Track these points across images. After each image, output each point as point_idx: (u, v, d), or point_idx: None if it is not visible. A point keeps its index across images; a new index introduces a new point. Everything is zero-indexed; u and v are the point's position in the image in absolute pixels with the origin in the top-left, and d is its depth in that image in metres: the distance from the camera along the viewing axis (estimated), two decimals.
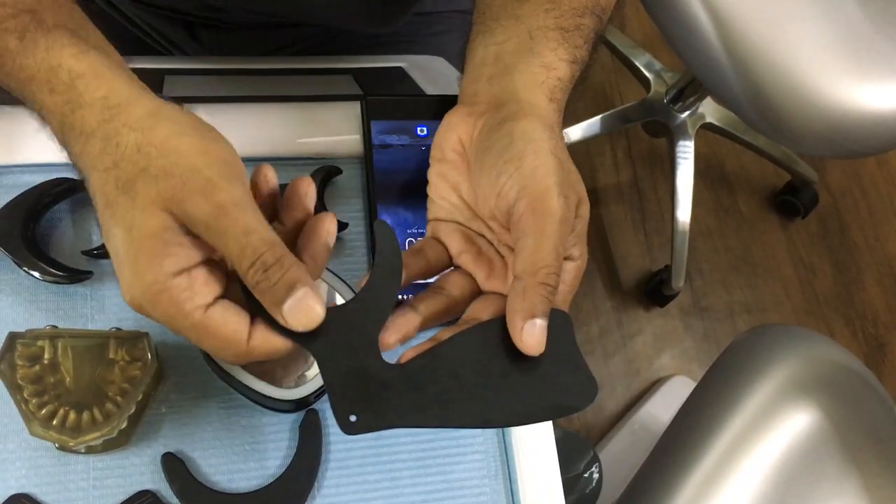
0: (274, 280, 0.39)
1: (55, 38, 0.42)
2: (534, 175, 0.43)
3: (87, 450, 0.48)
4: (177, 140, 0.40)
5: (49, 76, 0.42)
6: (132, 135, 0.40)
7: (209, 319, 0.39)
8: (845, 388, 0.94)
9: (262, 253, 0.39)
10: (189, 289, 0.39)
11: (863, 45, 1.06)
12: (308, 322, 0.40)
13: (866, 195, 1.75)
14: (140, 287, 0.39)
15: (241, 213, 0.39)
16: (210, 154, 0.40)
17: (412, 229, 0.56)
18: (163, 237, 0.39)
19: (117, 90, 0.41)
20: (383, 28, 0.76)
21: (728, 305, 1.60)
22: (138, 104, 0.41)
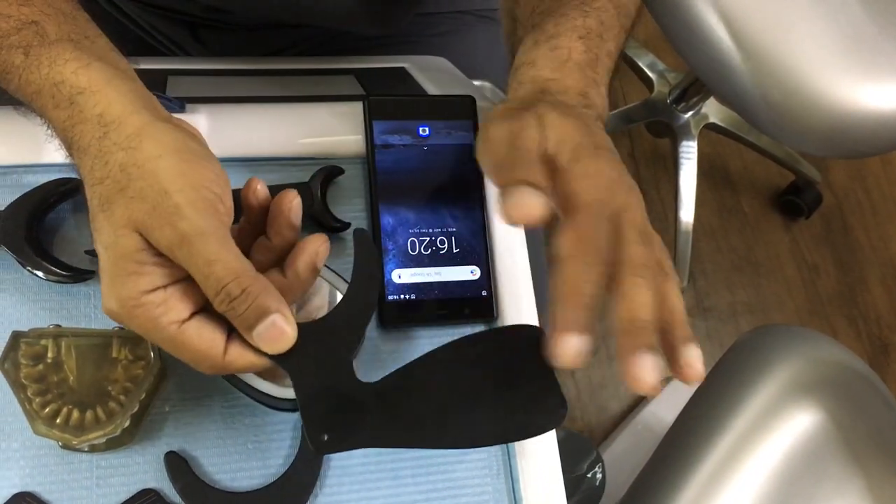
0: (240, 311, 0.40)
1: (58, 53, 0.43)
2: None
3: (90, 448, 0.49)
4: (155, 163, 0.40)
5: (53, 91, 0.42)
6: (119, 154, 0.41)
7: (183, 335, 0.40)
8: (848, 389, 0.94)
9: (225, 284, 0.39)
10: (163, 304, 0.40)
11: (866, 45, 1.06)
12: (278, 347, 0.41)
13: (870, 195, 1.75)
14: (116, 301, 0.40)
15: (203, 243, 0.39)
16: (185, 178, 0.40)
17: (414, 229, 0.56)
18: (136, 257, 0.40)
19: (112, 107, 0.42)
20: (385, 29, 0.76)
21: (731, 305, 1.60)
22: (128, 122, 0.41)
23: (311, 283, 0.44)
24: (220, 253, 0.39)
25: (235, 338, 0.41)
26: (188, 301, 0.41)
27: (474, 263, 0.57)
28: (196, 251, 0.39)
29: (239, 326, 0.41)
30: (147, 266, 0.40)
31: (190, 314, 0.41)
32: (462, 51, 0.80)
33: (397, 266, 0.55)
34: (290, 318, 0.41)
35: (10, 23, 0.44)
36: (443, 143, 0.58)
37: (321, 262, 0.44)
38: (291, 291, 0.44)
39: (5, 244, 0.50)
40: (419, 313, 0.55)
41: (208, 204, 0.40)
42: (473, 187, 0.58)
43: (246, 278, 0.40)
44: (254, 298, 0.40)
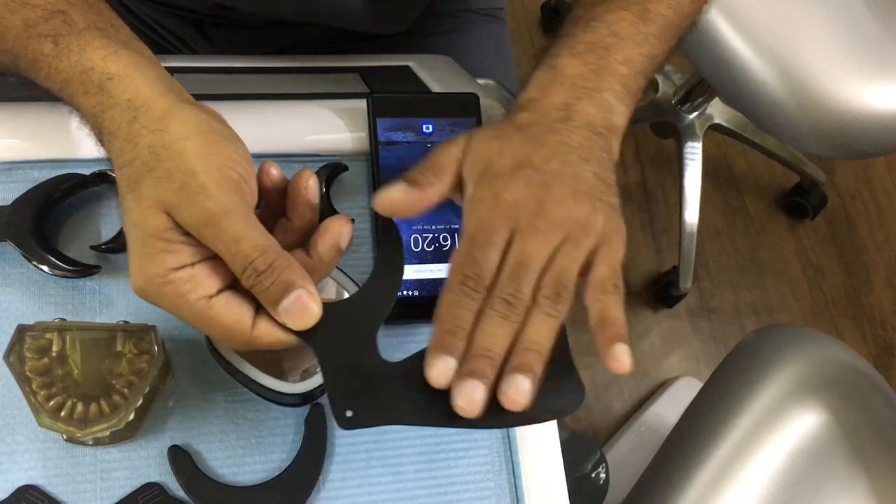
0: (266, 284, 0.40)
1: (87, 41, 0.44)
2: None
3: (94, 442, 0.49)
4: (182, 144, 0.41)
5: (83, 78, 0.43)
6: (148, 136, 0.41)
7: (212, 309, 0.41)
8: (853, 389, 0.94)
9: (252, 260, 0.40)
10: (191, 280, 0.40)
11: (871, 46, 1.06)
12: (303, 322, 0.41)
13: (875, 197, 1.75)
14: (144, 278, 0.40)
15: (230, 221, 0.40)
16: (210, 159, 0.41)
17: (417, 226, 0.56)
18: (164, 236, 0.40)
19: (140, 91, 0.43)
20: (390, 28, 0.76)
21: (736, 306, 1.60)
22: (156, 106, 0.42)
23: (336, 263, 0.45)
24: (245, 230, 0.40)
25: (263, 313, 0.42)
26: (216, 277, 0.41)
27: None
28: (222, 229, 0.40)
29: (265, 302, 0.41)
30: (175, 244, 0.40)
31: (218, 290, 0.41)
32: (467, 50, 0.81)
33: None
34: (314, 295, 0.41)
35: (38, 12, 0.45)
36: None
37: (345, 243, 0.44)
38: (316, 272, 0.44)
39: (11, 238, 0.50)
40: (422, 309, 0.55)
41: (233, 184, 0.41)
42: None
43: (271, 254, 0.40)
44: (279, 273, 0.40)
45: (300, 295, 0.41)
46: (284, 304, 0.41)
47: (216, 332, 0.42)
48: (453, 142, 0.47)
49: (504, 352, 0.42)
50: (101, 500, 0.49)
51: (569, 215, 0.44)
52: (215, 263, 0.42)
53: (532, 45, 1.72)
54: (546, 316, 0.43)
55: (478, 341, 0.42)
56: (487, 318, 0.42)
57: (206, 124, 0.43)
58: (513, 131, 0.47)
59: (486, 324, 0.42)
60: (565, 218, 0.44)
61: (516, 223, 0.43)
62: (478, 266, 0.43)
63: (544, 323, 0.43)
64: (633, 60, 0.51)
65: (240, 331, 0.41)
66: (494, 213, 0.44)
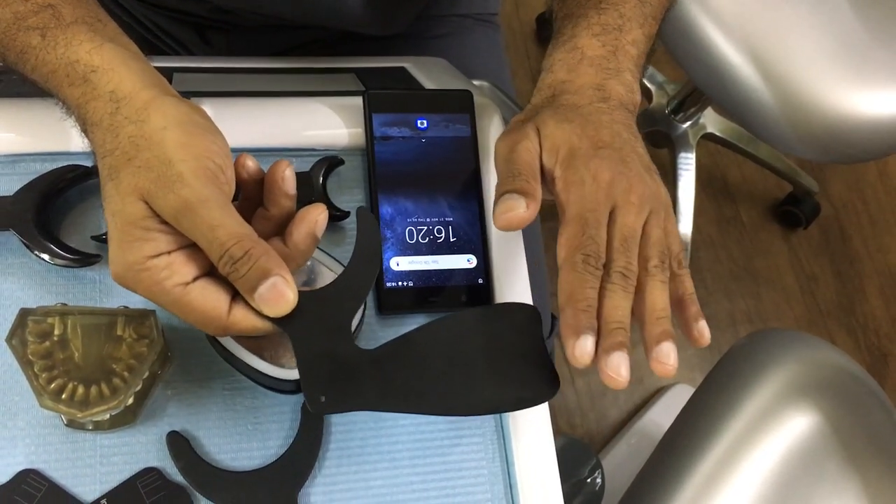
0: (243, 272, 0.41)
1: (73, 34, 0.45)
2: None
3: (94, 427, 0.50)
4: (161, 133, 0.42)
5: (68, 70, 0.44)
6: (129, 127, 0.43)
7: (188, 296, 0.42)
8: (845, 392, 0.95)
9: (228, 247, 0.41)
10: (168, 268, 0.42)
11: (859, 53, 1.08)
12: (279, 309, 0.42)
13: (867, 206, 1.76)
14: (123, 265, 0.42)
15: (206, 209, 0.41)
16: (188, 149, 0.42)
17: (412, 218, 0.57)
18: (142, 224, 0.41)
19: (123, 84, 0.44)
20: (387, 31, 0.78)
21: (730, 314, 1.61)
22: (137, 98, 0.43)
23: (312, 251, 0.46)
24: (222, 219, 0.41)
25: (240, 300, 0.43)
26: (193, 265, 0.42)
27: (471, 252, 0.58)
28: (199, 217, 0.41)
29: (242, 289, 0.42)
30: (152, 232, 0.41)
31: (194, 277, 0.42)
32: (461, 53, 0.82)
33: (396, 254, 0.57)
34: (290, 282, 0.42)
35: (28, 6, 0.46)
36: (440, 136, 0.60)
37: (320, 231, 0.45)
38: (293, 259, 0.45)
39: (14, 227, 0.51)
40: (417, 300, 0.56)
41: (210, 173, 0.42)
42: (470, 178, 0.59)
43: (248, 241, 0.41)
44: (255, 260, 0.41)
45: (276, 282, 0.41)
46: (261, 290, 0.41)
47: (192, 319, 0.42)
48: (524, 135, 0.49)
49: (629, 320, 0.45)
50: (101, 484, 0.49)
51: (648, 189, 0.48)
52: (192, 251, 0.43)
53: (527, 56, 1.73)
54: (661, 283, 0.46)
55: (610, 315, 0.45)
56: (611, 293, 0.45)
57: (185, 116, 0.44)
58: (573, 114, 0.49)
59: (612, 298, 0.45)
60: (647, 192, 0.48)
61: (615, 200, 0.47)
62: (595, 245, 0.45)
63: (662, 290, 0.46)
64: (639, 41, 0.54)
65: (216, 317, 0.42)
66: (597, 193, 0.47)
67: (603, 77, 0.51)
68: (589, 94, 0.51)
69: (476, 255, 0.58)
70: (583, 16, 0.54)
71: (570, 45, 0.53)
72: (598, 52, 0.52)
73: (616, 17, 0.54)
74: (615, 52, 0.52)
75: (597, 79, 0.51)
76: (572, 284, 0.45)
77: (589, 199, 0.47)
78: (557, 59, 0.53)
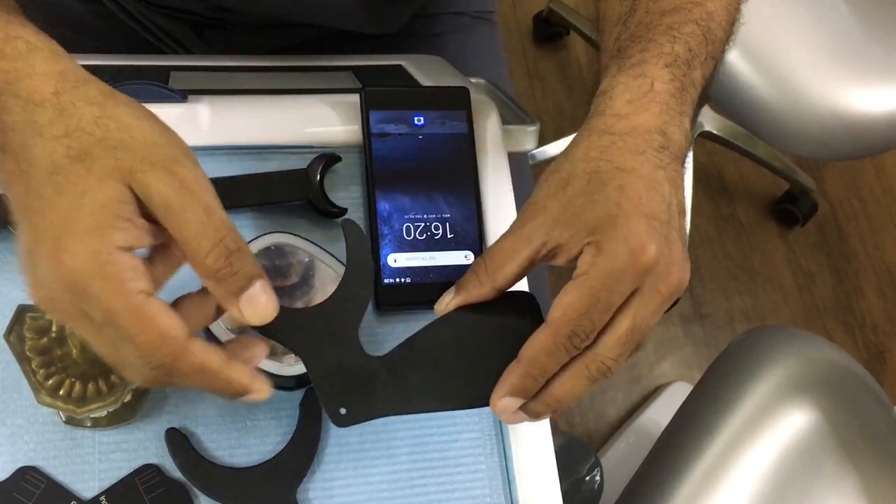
0: (237, 268, 0.38)
1: (15, 17, 0.42)
2: None
3: (93, 423, 0.50)
4: (134, 120, 0.40)
5: (3, 45, 0.40)
6: (89, 108, 0.39)
7: (150, 306, 0.37)
8: (842, 388, 0.95)
9: (223, 236, 0.38)
10: (135, 269, 0.37)
11: (855, 50, 1.08)
12: (264, 316, 0.40)
13: (864, 204, 1.77)
14: (85, 255, 0.36)
15: (203, 191, 0.39)
16: (169, 136, 0.40)
17: (409, 215, 0.58)
18: (114, 209, 0.37)
19: (74, 69, 0.41)
20: (384, 29, 0.78)
21: (728, 312, 1.62)
22: (94, 85, 0.41)
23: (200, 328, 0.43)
24: (218, 204, 0.39)
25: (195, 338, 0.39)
26: (152, 280, 0.38)
27: (468, 248, 0.58)
28: (197, 197, 0.38)
29: (225, 290, 0.39)
30: (124, 221, 0.37)
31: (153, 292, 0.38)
32: (459, 51, 0.82)
33: (393, 251, 0.57)
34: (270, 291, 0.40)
35: None
36: (437, 133, 0.60)
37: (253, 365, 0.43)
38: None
39: (12, 225, 0.51)
40: (414, 296, 0.57)
41: (196, 160, 0.40)
42: (467, 175, 0.59)
43: (238, 235, 0.39)
44: (248, 257, 0.39)
45: (264, 285, 0.39)
46: (249, 292, 0.39)
47: (143, 337, 0.37)
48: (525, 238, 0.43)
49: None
50: (100, 480, 0.50)
51: (681, 279, 0.42)
52: (155, 264, 0.40)
53: (524, 54, 1.74)
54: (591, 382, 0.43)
55: (556, 393, 0.42)
56: (577, 377, 0.42)
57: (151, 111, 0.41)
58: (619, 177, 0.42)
59: (574, 384, 0.42)
60: (679, 282, 0.42)
61: (642, 282, 0.41)
62: (591, 326, 0.41)
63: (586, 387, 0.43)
64: (698, 82, 0.48)
65: (174, 338, 0.37)
66: (627, 272, 0.40)
67: (666, 119, 0.45)
68: (648, 140, 0.44)
69: (473, 251, 0.58)
70: (653, 41, 0.47)
71: (639, 71, 0.46)
72: (667, 87, 0.45)
73: (685, 50, 0.47)
74: (682, 91, 0.46)
75: (659, 121, 0.44)
76: (541, 351, 0.41)
77: (614, 277, 0.40)
78: (621, 82, 0.46)
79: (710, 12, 0.50)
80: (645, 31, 0.49)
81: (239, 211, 0.56)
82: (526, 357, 0.42)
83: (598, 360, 0.42)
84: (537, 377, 0.42)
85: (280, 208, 0.57)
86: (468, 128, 0.60)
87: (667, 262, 0.41)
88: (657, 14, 0.49)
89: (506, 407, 0.43)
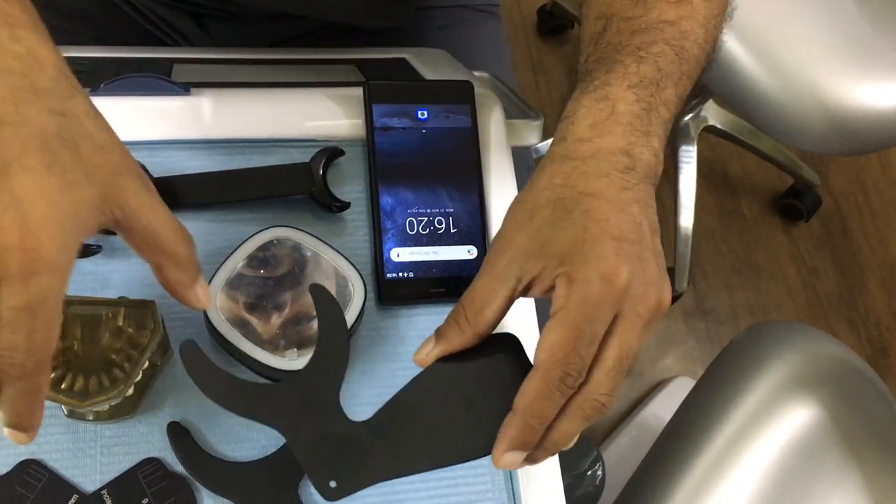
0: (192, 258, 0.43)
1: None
2: None
3: (95, 417, 0.50)
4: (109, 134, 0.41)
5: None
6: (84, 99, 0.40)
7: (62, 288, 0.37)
8: (845, 383, 0.95)
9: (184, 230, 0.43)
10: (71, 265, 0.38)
11: (861, 44, 1.07)
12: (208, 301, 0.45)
13: (869, 199, 1.76)
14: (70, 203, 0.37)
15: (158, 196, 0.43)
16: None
17: (412, 209, 0.57)
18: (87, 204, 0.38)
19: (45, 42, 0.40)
20: (387, 22, 0.77)
21: (731, 308, 1.61)
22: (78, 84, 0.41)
23: None
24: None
25: None
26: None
27: (471, 243, 0.58)
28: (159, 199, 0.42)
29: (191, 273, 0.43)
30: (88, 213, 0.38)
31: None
32: (462, 45, 0.82)
33: (396, 245, 0.57)
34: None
35: None
36: (441, 127, 0.59)
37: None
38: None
39: None
40: (417, 291, 0.56)
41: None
42: (470, 169, 0.59)
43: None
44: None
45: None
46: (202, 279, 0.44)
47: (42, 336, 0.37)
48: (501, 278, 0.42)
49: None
50: (102, 474, 0.50)
51: (659, 299, 0.42)
52: None
53: (528, 48, 1.73)
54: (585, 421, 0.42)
55: (558, 439, 0.42)
56: (573, 419, 0.41)
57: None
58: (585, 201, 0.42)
59: (570, 425, 0.42)
60: (657, 302, 0.41)
61: (621, 308, 0.40)
62: (581, 362, 0.40)
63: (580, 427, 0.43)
64: (671, 102, 0.47)
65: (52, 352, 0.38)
66: (603, 298, 0.40)
67: (630, 141, 0.44)
68: (612, 161, 0.43)
69: (476, 245, 0.58)
70: (618, 62, 0.47)
71: (601, 94, 0.45)
72: (631, 108, 0.45)
73: (654, 69, 0.46)
74: (648, 112, 0.45)
75: (623, 142, 0.44)
76: (537, 398, 0.40)
77: (592, 306, 0.40)
78: (583, 105, 0.45)
79: (683, 31, 0.49)
80: (613, 52, 0.48)
81: (241, 205, 0.56)
82: (522, 406, 0.41)
83: (592, 399, 0.41)
84: (536, 426, 0.41)
85: (282, 202, 0.57)
86: (472, 122, 0.60)
87: (642, 283, 0.41)
88: (627, 34, 0.49)
89: (510, 462, 0.42)
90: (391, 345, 0.56)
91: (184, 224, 0.52)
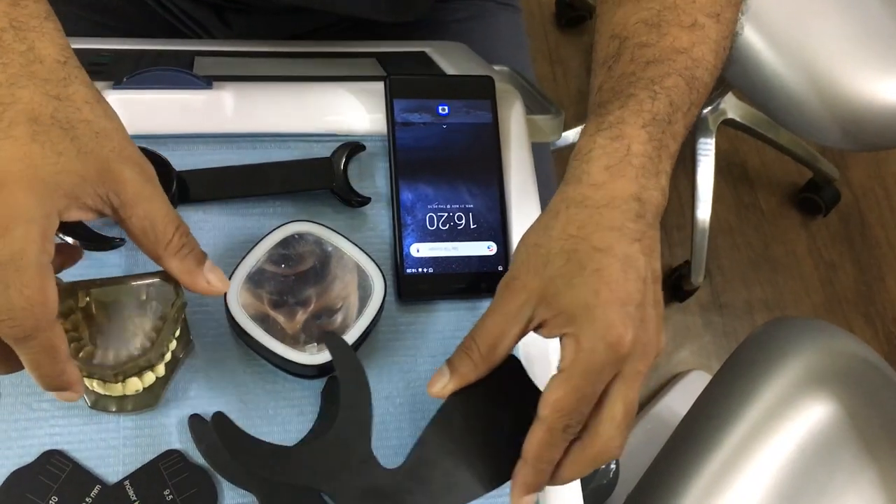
0: (194, 245, 0.45)
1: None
2: None
3: (117, 408, 0.50)
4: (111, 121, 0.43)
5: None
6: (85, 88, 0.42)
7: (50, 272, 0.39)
8: (862, 381, 0.94)
9: (180, 221, 0.44)
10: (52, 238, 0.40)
11: (884, 39, 1.06)
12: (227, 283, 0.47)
13: (888, 193, 1.75)
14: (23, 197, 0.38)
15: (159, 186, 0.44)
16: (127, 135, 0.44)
17: (433, 205, 0.57)
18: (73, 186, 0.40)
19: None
20: (406, 16, 0.77)
21: (747, 302, 1.61)
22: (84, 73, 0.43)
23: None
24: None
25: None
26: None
27: (491, 239, 0.58)
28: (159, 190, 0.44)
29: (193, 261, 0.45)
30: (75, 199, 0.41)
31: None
32: (482, 38, 0.81)
33: (416, 240, 0.57)
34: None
35: None
36: (461, 122, 0.59)
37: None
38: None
39: None
40: (436, 286, 0.57)
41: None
42: (491, 165, 0.59)
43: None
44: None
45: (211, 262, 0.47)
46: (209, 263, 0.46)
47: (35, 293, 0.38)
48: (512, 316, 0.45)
49: None
50: (124, 465, 0.50)
51: (657, 352, 0.45)
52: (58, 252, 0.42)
53: (546, 39, 1.72)
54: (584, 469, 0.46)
55: (564, 475, 0.45)
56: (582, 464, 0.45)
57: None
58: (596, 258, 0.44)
59: (579, 469, 0.45)
60: (656, 355, 0.45)
61: (622, 368, 0.44)
62: (581, 415, 0.44)
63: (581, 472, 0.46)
64: (679, 134, 0.49)
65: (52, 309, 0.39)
66: (606, 363, 0.43)
67: (643, 183, 0.46)
68: (624, 210, 0.45)
69: (496, 242, 0.58)
70: (632, 96, 0.48)
71: (616, 132, 0.47)
72: (643, 148, 0.46)
73: (667, 105, 0.48)
74: (659, 150, 0.47)
75: (635, 186, 0.46)
76: (542, 447, 0.44)
77: (595, 372, 0.43)
78: (598, 144, 0.47)
79: (695, 59, 0.50)
80: (627, 85, 0.49)
81: (262, 199, 0.56)
82: (531, 456, 0.44)
83: (601, 448, 0.44)
84: (545, 469, 0.45)
85: (303, 196, 0.57)
86: (493, 117, 0.60)
87: (643, 344, 0.44)
88: (641, 63, 0.49)
89: (527, 502, 0.46)
90: (410, 340, 0.56)
91: (205, 218, 0.53)
